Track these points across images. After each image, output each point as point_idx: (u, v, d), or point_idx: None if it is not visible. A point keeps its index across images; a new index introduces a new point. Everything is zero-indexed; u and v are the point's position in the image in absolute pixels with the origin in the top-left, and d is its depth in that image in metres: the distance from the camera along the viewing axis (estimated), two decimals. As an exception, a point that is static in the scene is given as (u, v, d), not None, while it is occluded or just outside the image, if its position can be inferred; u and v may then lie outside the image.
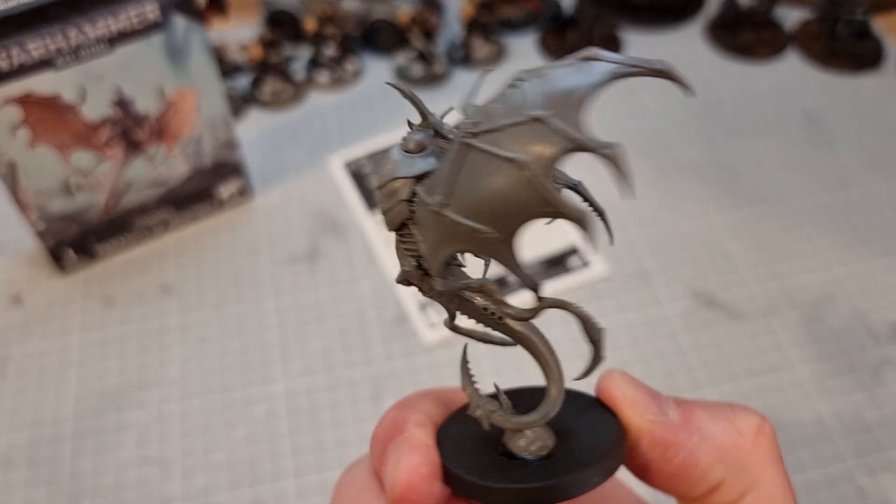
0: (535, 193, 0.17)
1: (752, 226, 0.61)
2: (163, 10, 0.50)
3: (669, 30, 0.79)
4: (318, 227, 0.61)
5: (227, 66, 0.73)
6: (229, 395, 0.51)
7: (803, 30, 0.77)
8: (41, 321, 0.56)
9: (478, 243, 0.18)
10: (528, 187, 0.17)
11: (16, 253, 0.60)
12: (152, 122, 0.54)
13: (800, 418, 0.49)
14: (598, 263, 0.57)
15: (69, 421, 0.50)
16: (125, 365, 0.53)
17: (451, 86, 0.73)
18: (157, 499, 0.47)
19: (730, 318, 0.55)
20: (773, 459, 0.20)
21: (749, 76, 0.74)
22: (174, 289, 0.57)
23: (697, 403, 0.21)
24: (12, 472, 0.48)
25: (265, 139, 0.68)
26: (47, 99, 0.49)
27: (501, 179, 0.17)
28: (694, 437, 0.19)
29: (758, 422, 0.20)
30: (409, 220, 0.20)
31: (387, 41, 0.75)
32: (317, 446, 0.49)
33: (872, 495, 0.46)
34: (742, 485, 0.19)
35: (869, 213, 0.62)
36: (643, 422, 0.20)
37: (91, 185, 0.55)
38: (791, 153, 0.67)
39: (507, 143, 0.17)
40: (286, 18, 0.76)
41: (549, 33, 0.77)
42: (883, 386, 0.51)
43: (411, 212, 0.20)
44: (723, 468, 0.19)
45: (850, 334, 0.54)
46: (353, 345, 0.54)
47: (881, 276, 0.57)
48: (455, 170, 0.18)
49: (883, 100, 0.71)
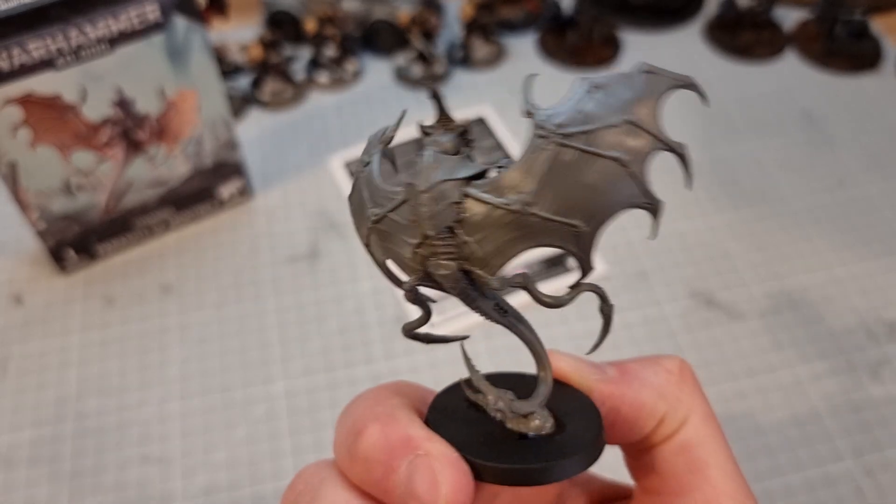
0: (635, 187, 0.19)
1: (752, 226, 0.61)
2: (163, 11, 0.50)
3: (669, 30, 0.80)
4: (319, 227, 0.61)
5: (228, 67, 0.73)
6: (229, 395, 0.51)
7: (802, 30, 0.78)
8: (42, 321, 0.56)
9: (566, 238, 0.20)
10: (629, 182, 0.19)
11: (16, 253, 0.60)
12: (153, 123, 0.55)
13: (799, 418, 0.50)
14: (598, 263, 0.58)
15: (70, 420, 0.50)
16: (125, 365, 0.53)
17: (451, 86, 0.73)
18: (157, 498, 0.47)
19: (729, 318, 0.55)
20: (698, 389, 0.24)
21: (748, 76, 0.74)
22: (174, 289, 0.58)
23: (627, 360, 0.25)
24: (13, 471, 0.48)
25: (265, 139, 0.68)
26: (48, 99, 0.49)
27: (600, 176, 0.19)
28: (634, 384, 0.23)
29: (679, 362, 0.24)
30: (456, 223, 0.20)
31: (387, 42, 0.76)
32: (317, 446, 0.49)
33: (871, 494, 0.46)
34: (681, 413, 0.23)
35: (868, 212, 0.62)
36: (591, 382, 0.23)
37: (92, 185, 0.55)
38: (790, 153, 0.67)
39: (603, 144, 0.19)
40: (286, 19, 0.76)
41: (549, 34, 0.78)
42: (882, 385, 0.51)
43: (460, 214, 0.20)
44: (664, 403, 0.23)
45: (848, 334, 0.54)
46: (352, 344, 0.54)
47: (880, 276, 0.57)
48: (545, 169, 0.19)
49: (882, 100, 0.71)
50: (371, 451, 0.21)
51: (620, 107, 0.19)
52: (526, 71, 0.79)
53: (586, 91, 0.20)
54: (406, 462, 0.20)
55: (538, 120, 0.19)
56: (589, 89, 0.20)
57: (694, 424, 0.23)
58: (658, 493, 0.24)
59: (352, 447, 0.21)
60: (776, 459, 0.48)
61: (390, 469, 0.20)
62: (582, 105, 0.19)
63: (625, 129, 0.19)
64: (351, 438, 0.21)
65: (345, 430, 0.22)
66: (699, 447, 0.23)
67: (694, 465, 0.23)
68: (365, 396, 0.23)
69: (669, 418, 0.23)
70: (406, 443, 0.21)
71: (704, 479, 0.22)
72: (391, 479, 0.20)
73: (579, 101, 0.19)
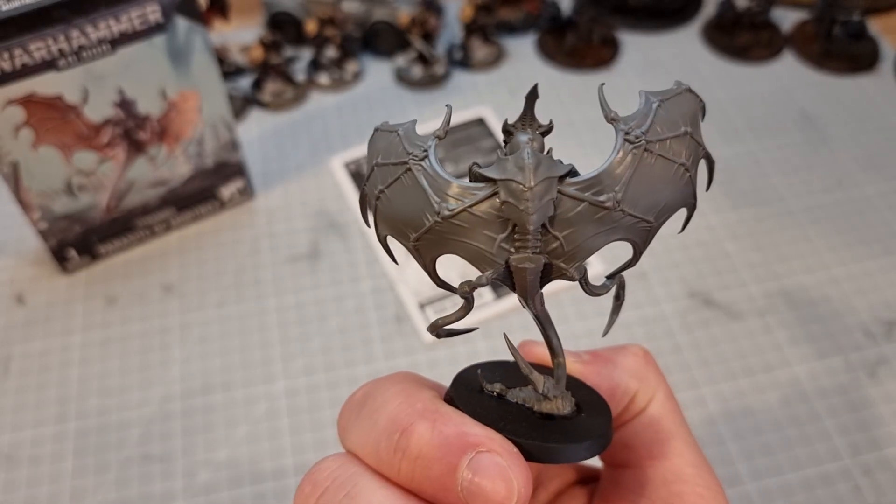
0: (691, 190, 0.22)
1: (750, 226, 0.61)
2: (164, 12, 0.50)
3: (667, 32, 0.80)
4: (319, 227, 0.62)
5: (229, 68, 0.74)
6: (230, 394, 0.52)
7: (800, 31, 0.78)
8: (43, 320, 0.56)
9: (638, 233, 0.22)
10: (689, 185, 0.22)
11: (18, 253, 0.60)
12: (154, 123, 0.55)
13: (797, 417, 0.50)
14: (596, 263, 0.58)
15: (71, 420, 0.50)
16: (127, 364, 0.53)
17: (451, 87, 0.74)
18: (158, 497, 0.47)
19: (728, 318, 0.55)
20: (660, 371, 0.27)
21: (746, 77, 0.74)
22: (176, 288, 0.58)
23: (597, 349, 0.27)
24: (14, 470, 0.48)
25: (266, 140, 0.69)
26: (50, 100, 0.50)
27: (670, 178, 0.22)
28: (608, 365, 0.26)
29: (642, 348, 0.27)
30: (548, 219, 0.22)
31: (387, 43, 0.76)
32: (317, 444, 0.49)
33: (869, 493, 0.46)
34: (649, 390, 0.26)
35: (866, 213, 0.62)
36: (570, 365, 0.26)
37: (93, 185, 0.55)
38: (788, 154, 0.67)
39: (671, 151, 0.22)
40: (287, 20, 0.76)
41: (548, 35, 0.78)
42: (879, 385, 0.51)
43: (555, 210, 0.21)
44: (635, 381, 0.26)
45: (847, 334, 0.54)
46: (353, 343, 0.54)
47: (878, 276, 0.58)
48: (631, 171, 0.21)
49: (879, 100, 0.72)
50: (426, 450, 0.20)
51: (681, 120, 0.22)
52: (525, 72, 0.79)
53: (656, 104, 0.22)
54: (467, 459, 0.20)
55: (624, 127, 0.22)
56: (658, 103, 0.22)
57: (660, 400, 0.26)
58: (626, 467, 0.26)
59: (399, 445, 0.21)
60: (775, 458, 0.48)
61: (450, 468, 0.20)
62: (655, 116, 0.22)
63: (685, 140, 0.22)
64: (394, 436, 0.21)
65: (380, 427, 0.22)
66: (665, 420, 0.25)
67: (660, 437, 0.25)
68: (390, 390, 0.23)
69: (640, 395, 0.26)
70: (462, 439, 0.20)
71: (670, 448, 0.25)
72: (452, 478, 0.20)
73: (653, 113, 0.22)
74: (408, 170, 0.22)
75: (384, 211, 0.23)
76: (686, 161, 0.22)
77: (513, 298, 0.55)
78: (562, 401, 0.24)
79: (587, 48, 0.76)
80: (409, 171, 0.22)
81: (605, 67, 0.75)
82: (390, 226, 0.23)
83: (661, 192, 0.22)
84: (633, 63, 0.76)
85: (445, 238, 0.22)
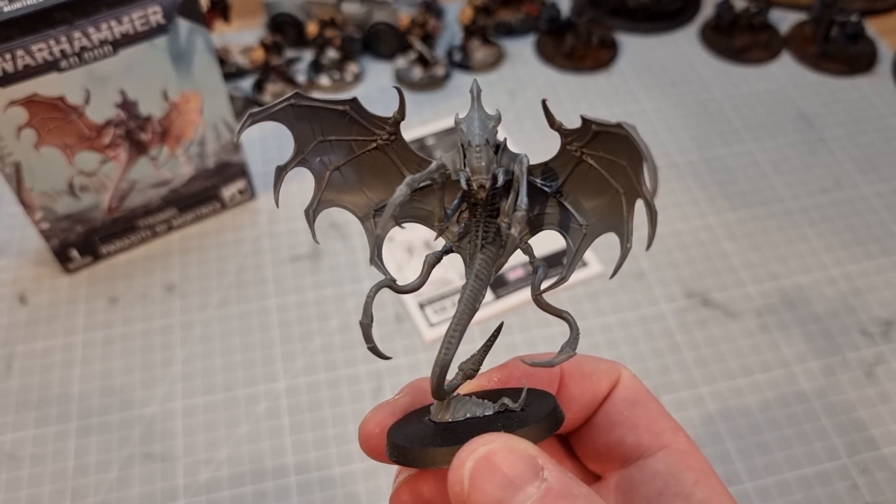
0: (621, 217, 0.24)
1: (748, 226, 0.62)
2: (166, 14, 0.51)
3: (665, 33, 0.80)
4: (320, 227, 0.62)
5: (230, 69, 0.74)
6: (231, 393, 0.52)
7: (798, 33, 0.78)
8: (46, 320, 0.56)
9: (573, 233, 0.26)
10: (621, 213, 0.24)
11: (21, 252, 0.60)
12: (156, 124, 0.55)
13: (795, 416, 0.50)
14: (595, 263, 0.58)
15: (73, 419, 0.51)
16: (129, 363, 0.54)
17: (451, 88, 0.74)
18: (160, 495, 0.47)
19: (726, 318, 0.55)
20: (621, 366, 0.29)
21: (744, 78, 0.75)
22: (177, 288, 0.58)
23: None
24: (17, 469, 0.49)
25: (268, 140, 0.69)
26: (52, 101, 0.50)
27: (603, 194, 0.24)
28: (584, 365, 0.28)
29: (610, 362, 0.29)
30: None
31: (387, 44, 0.76)
32: (318, 443, 0.49)
33: (867, 492, 0.47)
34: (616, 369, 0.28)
35: (864, 213, 0.63)
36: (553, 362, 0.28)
37: (95, 185, 0.55)
38: (786, 154, 0.68)
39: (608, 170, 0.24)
40: (288, 22, 0.77)
41: (547, 37, 0.78)
42: (877, 384, 0.52)
43: None
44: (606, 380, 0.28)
45: (844, 333, 0.54)
46: (353, 342, 0.54)
47: (876, 276, 0.58)
48: (569, 170, 0.25)
49: (877, 101, 0.72)
50: None
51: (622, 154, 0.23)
52: (525, 73, 0.79)
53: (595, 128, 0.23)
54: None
55: (566, 139, 0.24)
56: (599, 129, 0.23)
57: (628, 376, 0.28)
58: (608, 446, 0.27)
59: None
60: (773, 457, 0.48)
61: None
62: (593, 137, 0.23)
63: (621, 168, 0.23)
64: None
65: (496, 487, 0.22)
66: (637, 391, 0.27)
67: (636, 402, 0.27)
68: None
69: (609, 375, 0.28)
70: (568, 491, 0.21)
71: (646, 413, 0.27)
72: None
73: (590, 134, 0.23)
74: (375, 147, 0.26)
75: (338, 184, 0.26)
76: (620, 189, 0.23)
77: (512, 298, 0.55)
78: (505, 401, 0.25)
79: (586, 50, 0.77)
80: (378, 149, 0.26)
81: (604, 69, 0.76)
82: (343, 198, 0.26)
83: (592, 201, 0.24)
84: (632, 64, 0.76)
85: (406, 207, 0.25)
